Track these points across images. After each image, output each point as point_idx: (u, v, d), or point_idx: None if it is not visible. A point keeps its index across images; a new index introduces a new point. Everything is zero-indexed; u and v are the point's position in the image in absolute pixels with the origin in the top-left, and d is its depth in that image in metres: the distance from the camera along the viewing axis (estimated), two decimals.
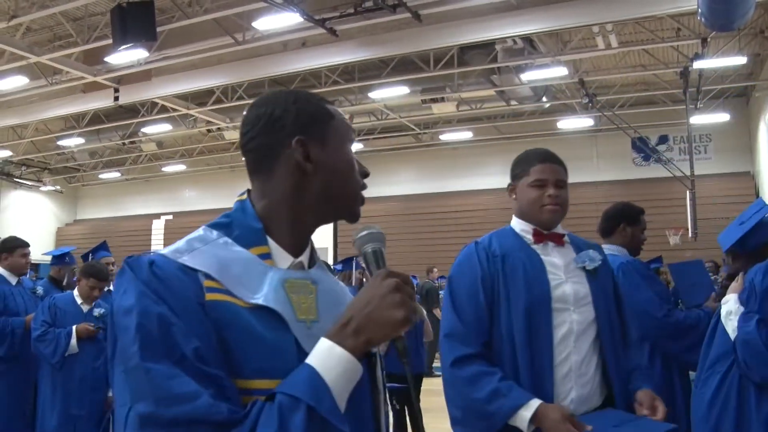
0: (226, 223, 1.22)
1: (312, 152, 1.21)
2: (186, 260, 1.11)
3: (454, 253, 2.63)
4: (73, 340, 4.70)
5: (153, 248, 20.26)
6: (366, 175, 1.26)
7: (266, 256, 1.17)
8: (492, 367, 2.27)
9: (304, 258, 1.23)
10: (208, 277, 1.10)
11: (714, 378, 2.86)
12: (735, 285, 2.99)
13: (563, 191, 2.56)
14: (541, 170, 2.55)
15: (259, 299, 1.11)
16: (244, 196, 1.27)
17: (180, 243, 1.17)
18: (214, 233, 1.19)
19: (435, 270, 12.78)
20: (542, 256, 2.43)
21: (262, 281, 1.13)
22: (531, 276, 2.36)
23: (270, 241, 1.20)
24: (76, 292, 4.97)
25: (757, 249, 3.03)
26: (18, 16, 10.83)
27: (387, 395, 1.26)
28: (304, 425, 0.97)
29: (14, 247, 5.28)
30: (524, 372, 2.25)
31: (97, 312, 4.93)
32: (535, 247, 2.46)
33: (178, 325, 1.02)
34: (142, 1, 9.27)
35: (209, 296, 1.08)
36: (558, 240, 2.50)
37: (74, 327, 4.75)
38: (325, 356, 1.04)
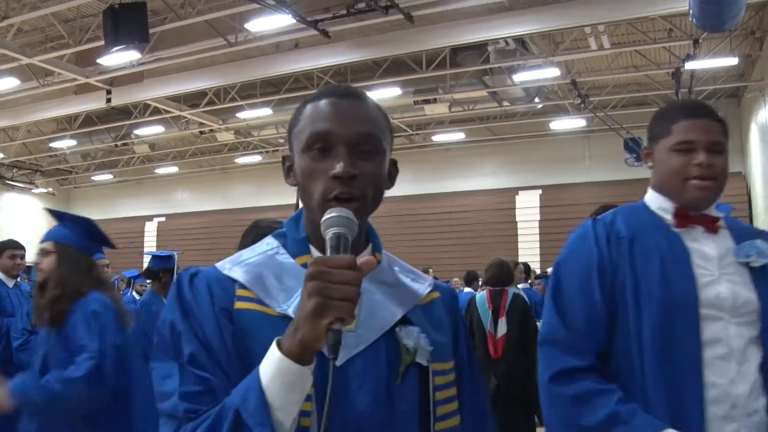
0: (284, 233, 1.28)
1: (294, 165, 1.24)
2: (227, 271, 1.20)
3: (448, 254, 2.47)
4: None
5: (145, 250, 20.24)
6: (337, 177, 1.13)
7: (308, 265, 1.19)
8: (607, 383, 1.72)
9: None
10: (242, 287, 1.17)
11: None
12: None
13: (719, 159, 1.81)
14: (687, 128, 1.82)
15: (287, 309, 1.14)
16: None
17: (241, 253, 1.26)
18: (272, 243, 1.26)
19: (430, 271, 12.77)
20: (687, 243, 1.80)
21: (299, 290, 1.12)
22: (670, 268, 1.76)
23: (312, 249, 1.23)
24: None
25: None
26: (9, 17, 10.79)
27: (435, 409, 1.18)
28: (228, 427, 1.00)
29: (2, 249, 5.26)
30: (658, 405, 1.68)
31: None
32: (677, 230, 1.83)
33: (184, 332, 1.12)
34: (135, 2, 9.25)
35: (239, 304, 1.15)
36: (710, 224, 1.84)
37: None
38: (267, 359, 1.02)
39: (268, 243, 1.27)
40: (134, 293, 8.35)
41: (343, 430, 1.09)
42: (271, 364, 1.00)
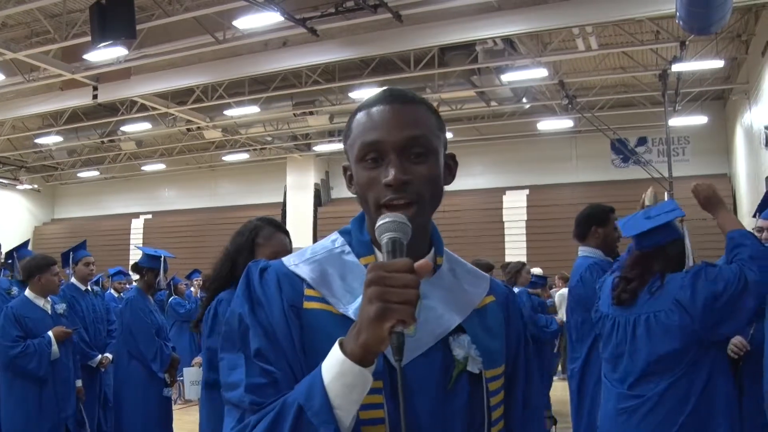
0: (349, 231, 1.31)
1: (353, 174, 1.26)
2: (295, 268, 1.24)
3: None
4: (54, 347, 4.64)
5: (135, 245, 20.14)
6: (389, 185, 1.17)
7: None
8: None
9: None
10: (309, 286, 1.21)
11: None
12: None
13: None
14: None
15: (349, 310, 1.18)
16: None
17: (307, 248, 1.29)
18: (338, 240, 1.29)
19: None
20: None
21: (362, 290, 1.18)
22: None
23: (376, 252, 1.25)
24: (28, 292, 4.86)
25: (649, 248, 2.86)
26: None
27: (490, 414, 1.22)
28: (291, 423, 1.03)
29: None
30: None
31: (60, 309, 4.86)
32: None
33: (252, 325, 1.16)
34: None
35: (307, 304, 1.20)
36: None
37: (51, 333, 4.67)
38: (329, 359, 1.05)
39: (334, 240, 1.30)
40: (112, 291, 8.28)
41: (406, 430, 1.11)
42: (334, 364, 1.04)
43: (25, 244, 6.55)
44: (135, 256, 17.08)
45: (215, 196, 21.91)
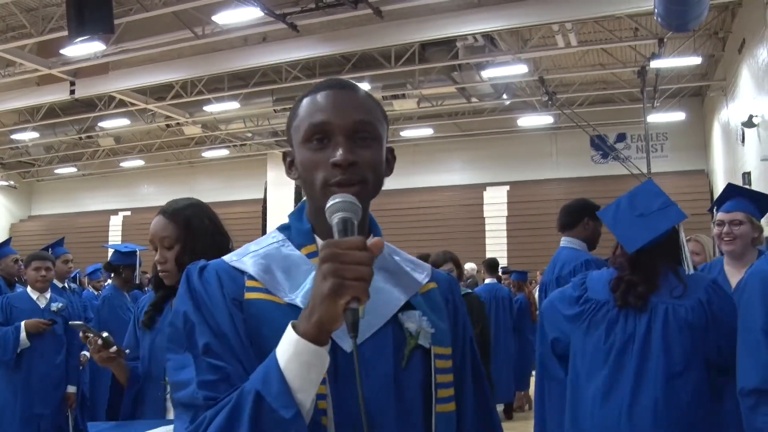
0: (288, 225, 1.31)
1: (294, 159, 1.26)
2: (235, 263, 1.23)
3: (416, 250, 2.45)
4: (23, 335, 4.58)
5: (108, 243, 19.95)
6: (338, 164, 1.16)
7: (313, 254, 1.23)
8: None
9: None
10: (251, 278, 1.21)
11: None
12: None
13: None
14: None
15: (295, 299, 1.18)
16: None
17: (247, 245, 1.29)
18: (278, 236, 1.29)
19: None
20: None
21: (305, 280, 1.20)
22: None
23: (318, 240, 1.25)
24: (29, 288, 4.85)
25: (647, 247, 2.71)
26: None
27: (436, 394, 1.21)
28: (250, 411, 1.01)
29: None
30: None
31: (54, 306, 4.81)
32: None
33: (198, 323, 1.15)
34: None
35: (249, 295, 1.19)
36: None
37: (22, 322, 4.62)
38: (283, 342, 1.04)
39: (274, 236, 1.30)
40: (91, 289, 8.19)
41: (353, 416, 1.11)
42: (288, 346, 1.03)
43: (7, 242, 6.44)
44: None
45: (195, 192, 21.75)
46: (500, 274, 9.30)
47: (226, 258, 1.25)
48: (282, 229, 1.31)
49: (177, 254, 2.24)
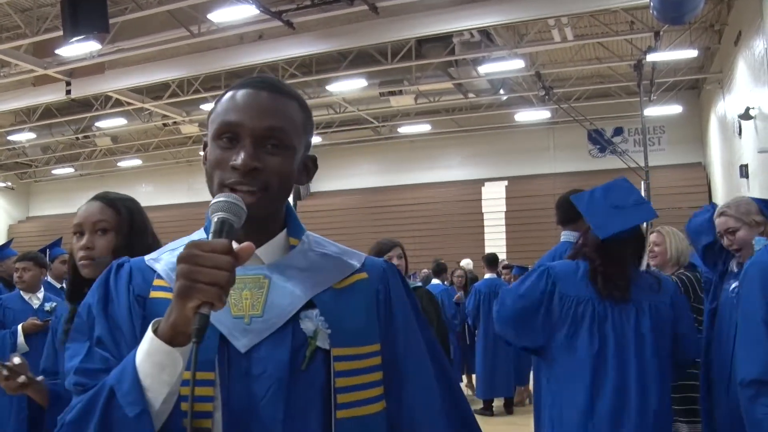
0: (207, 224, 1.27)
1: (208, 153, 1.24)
2: (152, 262, 1.24)
3: (413, 246, 2.38)
4: (20, 339, 4.56)
5: None
6: (236, 168, 1.13)
7: None
8: None
9: (260, 251, 1.19)
10: (159, 277, 1.21)
11: None
12: None
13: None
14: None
15: None
16: None
17: (175, 241, 1.30)
18: (201, 234, 1.27)
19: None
20: None
21: None
22: None
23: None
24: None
25: (619, 238, 2.70)
26: None
27: (336, 399, 1.15)
28: (102, 406, 1.02)
29: None
30: None
31: (48, 306, 4.80)
32: None
33: (98, 315, 1.17)
34: None
35: (153, 294, 1.18)
36: None
37: (19, 325, 4.61)
38: (144, 339, 1.03)
39: (198, 232, 1.29)
40: None
41: (243, 416, 1.09)
42: (144, 344, 1.02)
43: (8, 244, 6.42)
44: None
45: (193, 191, 21.72)
46: (500, 269, 9.31)
47: (147, 256, 1.25)
48: (206, 227, 1.25)
49: (113, 243, 2.03)
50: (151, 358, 1.01)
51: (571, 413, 2.60)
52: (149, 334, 1.02)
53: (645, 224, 2.82)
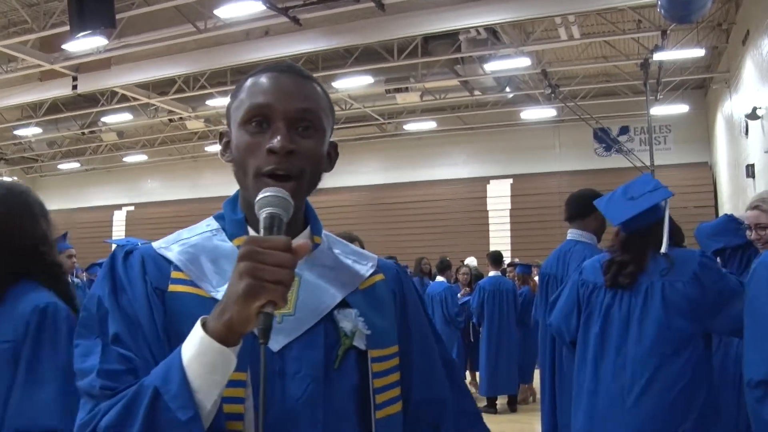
0: (222, 215, 1.23)
1: (230, 140, 1.19)
2: (163, 251, 1.16)
3: (419, 243, 2.44)
4: None
5: (109, 238, 19.96)
6: (274, 151, 1.09)
7: None
8: None
9: None
10: (177, 268, 1.14)
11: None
12: None
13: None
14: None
15: (219, 293, 1.08)
16: None
17: (180, 231, 1.22)
18: (212, 224, 1.22)
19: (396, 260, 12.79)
20: None
21: None
22: None
23: (250, 231, 1.18)
24: None
25: (639, 230, 2.80)
26: None
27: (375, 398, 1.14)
28: (146, 409, 0.95)
29: None
30: None
31: None
32: None
33: (112, 309, 1.08)
34: None
35: (173, 287, 1.12)
36: None
37: None
38: (189, 339, 0.98)
39: (208, 224, 1.23)
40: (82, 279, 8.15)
41: (280, 417, 1.06)
42: (193, 343, 0.97)
43: (64, 236, 6.34)
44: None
45: (198, 187, 21.75)
46: (505, 266, 9.32)
47: (155, 244, 1.18)
48: (218, 217, 1.23)
49: None
50: (202, 358, 0.95)
51: (581, 395, 2.77)
52: (199, 332, 0.96)
53: (666, 209, 2.84)
